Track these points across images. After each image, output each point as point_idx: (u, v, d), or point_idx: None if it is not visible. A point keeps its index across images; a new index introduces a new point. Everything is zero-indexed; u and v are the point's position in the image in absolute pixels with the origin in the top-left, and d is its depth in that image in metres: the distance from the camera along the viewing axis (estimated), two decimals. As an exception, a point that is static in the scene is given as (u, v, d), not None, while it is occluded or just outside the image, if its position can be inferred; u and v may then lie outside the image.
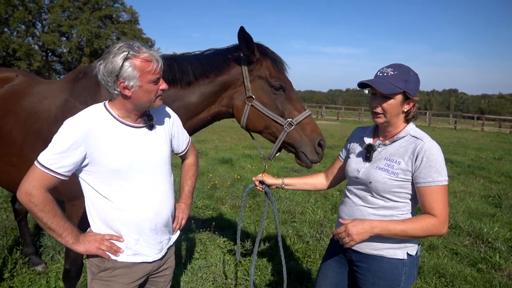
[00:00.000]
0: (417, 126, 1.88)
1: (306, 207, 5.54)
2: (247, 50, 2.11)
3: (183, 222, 2.01)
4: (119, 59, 1.49)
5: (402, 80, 1.70)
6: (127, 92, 1.54)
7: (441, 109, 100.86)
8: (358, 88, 1.86)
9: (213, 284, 3.27)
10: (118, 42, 1.60)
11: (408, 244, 1.80)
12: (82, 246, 1.61)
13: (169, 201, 1.79)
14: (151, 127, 1.69)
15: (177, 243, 3.91)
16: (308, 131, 2.20)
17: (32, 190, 1.49)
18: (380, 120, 1.78)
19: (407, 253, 1.79)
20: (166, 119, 1.83)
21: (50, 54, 45.20)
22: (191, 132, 2.27)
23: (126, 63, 1.49)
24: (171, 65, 2.19)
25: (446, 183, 1.68)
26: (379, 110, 1.76)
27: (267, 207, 2.31)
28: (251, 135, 2.37)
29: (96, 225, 1.68)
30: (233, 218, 4.99)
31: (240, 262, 3.66)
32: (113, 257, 1.65)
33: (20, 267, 3.48)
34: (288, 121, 2.16)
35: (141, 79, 1.53)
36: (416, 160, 1.69)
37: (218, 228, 4.49)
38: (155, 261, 1.77)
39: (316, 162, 2.25)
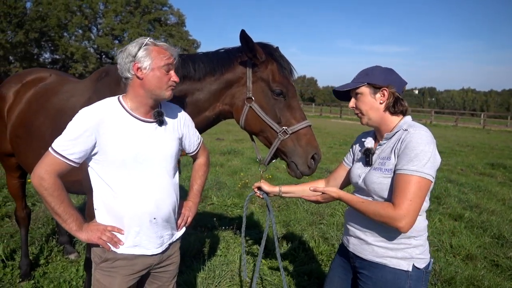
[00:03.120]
0: (469, 128, 1.77)
1: (337, 209, 5.40)
2: (249, 53, 2.10)
3: (189, 220, 2.04)
4: (138, 44, 1.66)
5: (363, 75, 1.74)
6: (140, 74, 1.65)
7: (500, 111, 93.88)
8: (406, 89, 1.88)
9: (230, 281, 3.28)
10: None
11: (414, 256, 1.68)
12: (84, 234, 1.67)
13: (171, 197, 1.81)
14: (161, 123, 1.75)
15: (200, 239, 3.98)
16: (303, 142, 2.12)
17: (44, 174, 1.58)
18: (363, 120, 1.79)
19: (413, 265, 1.67)
20: (177, 118, 1.89)
21: (104, 56, 48.00)
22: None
23: (143, 48, 1.65)
24: (186, 62, 2.23)
25: (418, 174, 1.52)
26: (356, 110, 1.79)
27: (269, 215, 2.27)
28: (251, 137, 2.36)
29: (100, 214, 1.74)
30: (261, 217, 4.98)
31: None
32: (113, 248, 1.71)
33: (55, 254, 3.73)
34: (283, 129, 2.10)
35: (154, 63, 1.65)
36: (399, 149, 1.63)
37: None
38: (155, 255, 1.81)
39: (306, 175, 2.17)
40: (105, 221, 1.73)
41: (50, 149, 1.61)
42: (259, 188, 2.23)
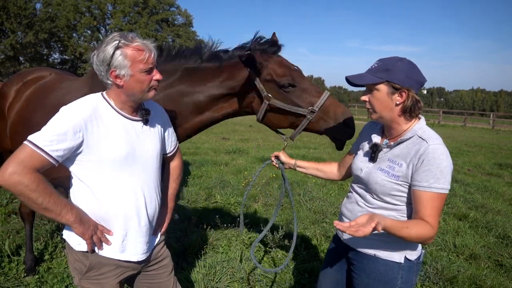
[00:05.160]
0: (479, 128, 1.74)
1: (339, 208, 5.38)
2: (253, 69, 2.13)
3: (165, 226, 1.98)
4: (110, 48, 1.51)
5: (384, 70, 1.60)
6: (118, 81, 1.55)
7: (510, 111, 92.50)
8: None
9: (231, 278, 3.30)
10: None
11: (407, 248, 1.70)
12: (81, 227, 1.53)
13: (157, 199, 1.79)
14: (146, 121, 1.71)
15: (201, 236, 4.01)
16: (331, 114, 2.15)
17: (21, 170, 1.39)
18: (373, 116, 1.71)
19: (405, 257, 1.69)
20: (160, 117, 1.84)
21: (112, 56, 48.32)
22: (200, 130, 2.33)
23: (117, 52, 1.51)
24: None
25: (444, 191, 1.54)
26: (368, 105, 1.70)
27: (285, 184, 2.28)
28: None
29: None
30: (264, 216, 4.99)
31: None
32: (97, 250, 1.62)
33: (59, 250, 3.78)
34: (309, 109, 2.13)
35: (132, 68, 1.54)
36: (417, 162, 1.58)
37: (246, 224, 4.52)
38: (140, 261, 1.76)
39: (348, 139, 2.21)
40: None
41: (27, 143, 1.43)
42: (277, 158, 2.26)
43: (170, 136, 1.94)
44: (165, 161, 2.03)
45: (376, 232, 1.69)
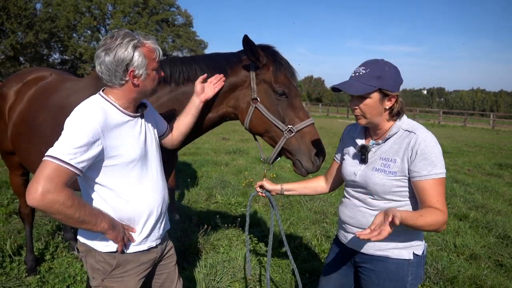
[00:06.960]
0: (479, 129, 1.76)
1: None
2: (252, 56, 2.14)
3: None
4: (130, 48, 1.51)
5: (375, 77, 1.61)
6: (135, 81, 1.57)
7: (510, 111, 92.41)
8: (415, 89, 1.80)
9: (232, 278, 3.31)
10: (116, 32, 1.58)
11: (413, 244, 1.72)
12: (114, 232, 1.55)
13: (166, 184, 1.88)
14: (143, 115, 1.76)
15: (202, 237, 4.01)
16: (307, 140, 2.16)
17: (54, 188, 1.34)
18: (362, 121, 1.72)
19: (413, 253, 1.72)
20: (149, 107, 1.87)
21: (112, 57, 48.37)
22: (199, 131, 2.34)
23: (137, 52, 1.53)
24: (190, 64, 2.27)
25: (443, 175, 1.59)
26: (357, 112, 1.70)
27: (274, 211, 2.31)
28: (254, 137, 2.39)
29: None
30: (264, 216, 5.00)
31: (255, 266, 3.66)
32: (124, 249, 1.66)
33: (60, 250, 3.79)
34: (288, 127, 2.14)
35: (148, 67, 1.58)
36: (411, 154, 1.61)
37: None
38: (159, 245, 1.83)
39: (311, 172, 2.20)
40: None
41: (49, 159, 1.38)
42: (262, 187, 2.26)
43: (159, 118, 1.98)
44: (167, 144, 2.05)
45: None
